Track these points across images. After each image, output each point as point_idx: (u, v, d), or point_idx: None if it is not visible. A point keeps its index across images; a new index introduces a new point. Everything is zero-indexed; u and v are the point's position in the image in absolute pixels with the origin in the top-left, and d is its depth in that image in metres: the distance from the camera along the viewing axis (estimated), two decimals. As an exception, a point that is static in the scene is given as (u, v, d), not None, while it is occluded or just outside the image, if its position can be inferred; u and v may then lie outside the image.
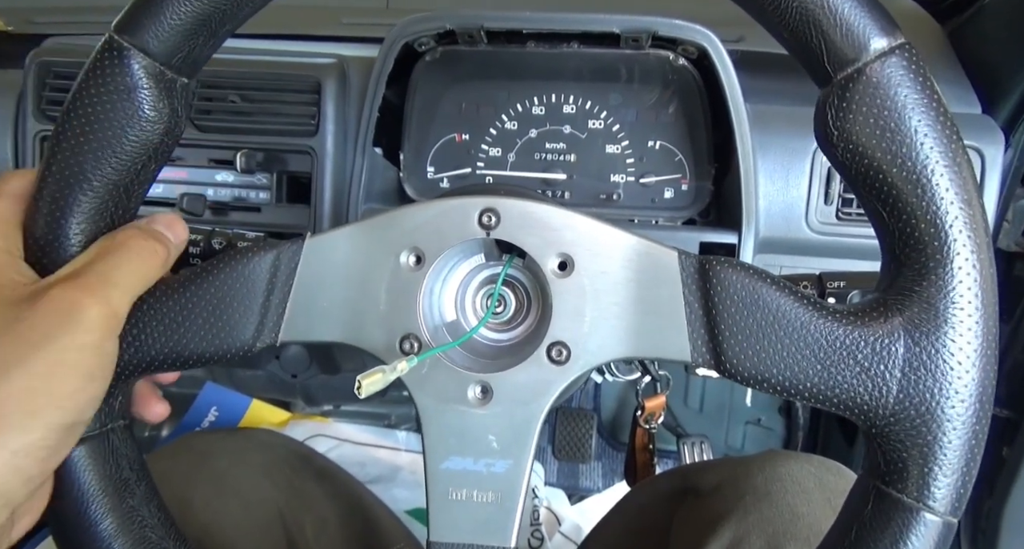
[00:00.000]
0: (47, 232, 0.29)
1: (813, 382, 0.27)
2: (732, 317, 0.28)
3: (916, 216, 0.26)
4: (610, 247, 0.30)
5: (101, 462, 0.30)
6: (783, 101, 0.61)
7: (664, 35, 0.55)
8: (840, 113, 0.26)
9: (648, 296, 0.30)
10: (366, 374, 0.29)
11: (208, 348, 0.31)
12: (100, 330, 0.27)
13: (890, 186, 0.26)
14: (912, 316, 0.26)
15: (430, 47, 0.60)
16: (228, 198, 0.61)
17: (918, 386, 0.26)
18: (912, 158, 0.25)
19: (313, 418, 1.13)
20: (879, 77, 0.25)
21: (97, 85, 0.29)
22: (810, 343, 0.27)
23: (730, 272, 0.29)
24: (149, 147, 0.30)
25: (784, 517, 0.42)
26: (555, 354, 0.30)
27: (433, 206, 0.32)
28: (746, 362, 0.28)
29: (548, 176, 0.64)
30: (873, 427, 0.27)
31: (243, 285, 0.31)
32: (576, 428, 1.05)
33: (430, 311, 0.32)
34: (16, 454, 0.25)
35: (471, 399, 0.31)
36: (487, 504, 0.31)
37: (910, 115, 0.25)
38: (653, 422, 0.70)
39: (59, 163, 0.29)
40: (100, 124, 0.29)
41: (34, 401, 0.25)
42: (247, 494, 0.49)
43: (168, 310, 0.30)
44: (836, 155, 0.27)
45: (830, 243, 0.58)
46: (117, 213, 0.31)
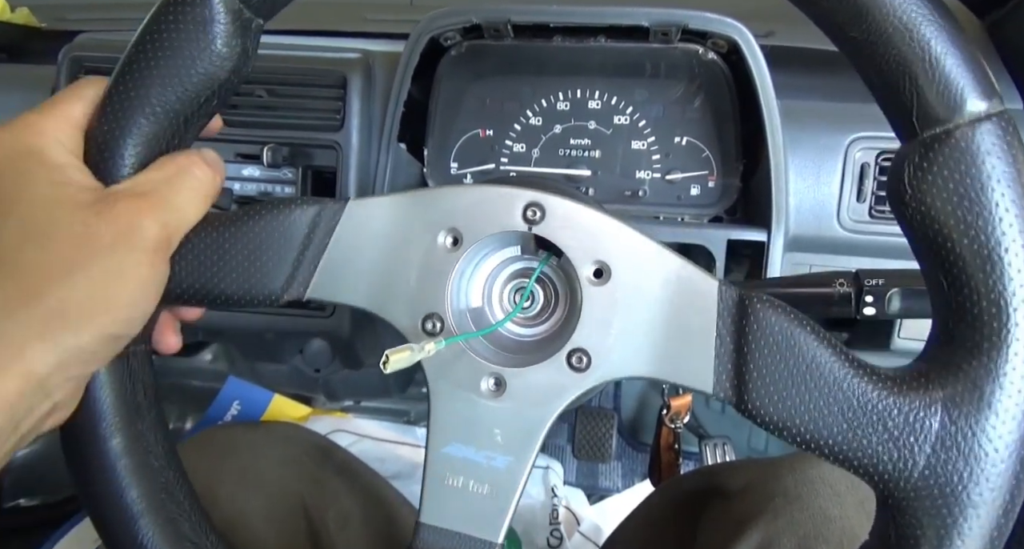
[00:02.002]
0: (105, 147, 0.30)
1: (836, 440, 0.26)
2: (764, 358, 0.27)
3: (979, 292, 0.25)
4: (651, 263, 0.30)
5: (119, 382, 0.31)
6: (814, 97, 0.60)
7: (694, 28, 0.54)
8: (919, 172, 0.25)
9: (680, 320, 0.29)
10: (394, 350, 0.28)
11: (237, 291, 0.31)
12: (156, 250, 0.28)
13: (957, 257, 0.25)
14: (954, 393, 0.25)
15: (455, 42, 0.59)
16: (254, 192, 0.62)
17: (947, 466, 0.25)
18: (987, 232, 0.24)
19: (334, 413, 1.14)
20: (968, 142, 0.24)
21: (175, 12, 0.29)
22: (840, 400, 0.26)
23: (770, 312, 0.28)
24: (215, 82, 0.30)
25: (815, 520, 0.42)
26: (575, 361, 0.30)
27: (478, 191, 0.31)
28: (769, 407, 0.27)
29: (572, 172, 0.63)
30: (891, 498, 0.26)
31: (281, 234, 0.31)
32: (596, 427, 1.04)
33: (457, 295, 0.32)
34: (66, 352, 0.26)
35: (484, 390, 0.31)
36: (482, 496, 0.30)
37: (994, 187, 0.24)
38: (679, 421, 0.69)
39: (125, 83, 0.30)
40: (172, 52, 0.29)
41: (92, 307, 0.26)
42: (271, 487, 0.49)
43: (207, 247, 0.31)
44: (906, 215, 0.26)
45: (863, 242, 0.57)
46: (173, 141, 0.31)
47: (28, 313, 0.25)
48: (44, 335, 0.25)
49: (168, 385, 1.12)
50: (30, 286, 0.26)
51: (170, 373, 1.11)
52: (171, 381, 1.11)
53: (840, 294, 0.39)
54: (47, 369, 0.26)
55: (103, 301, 0.26)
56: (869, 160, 0.56)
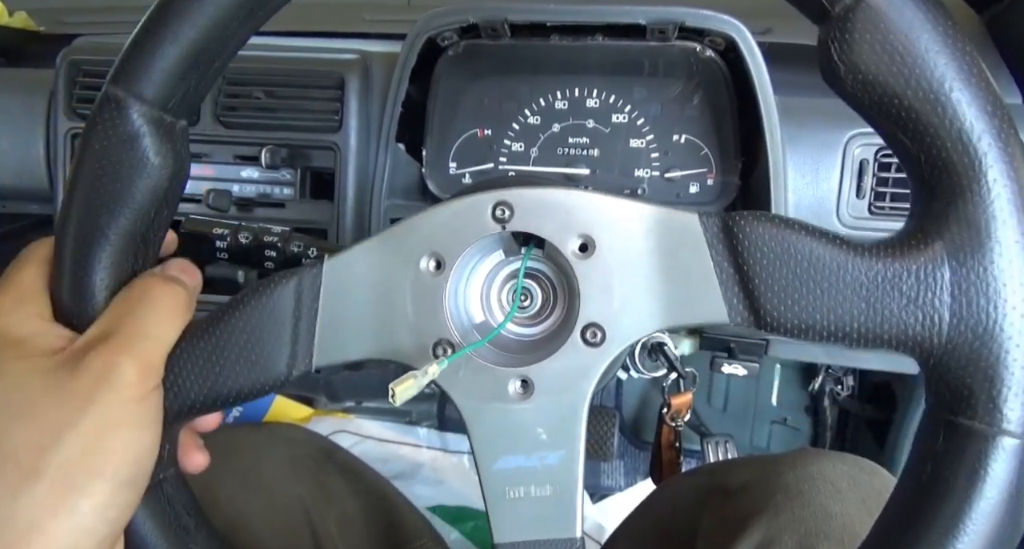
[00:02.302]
0: (72, 291, 0.30)
1: (860, 322, 0.26)
2: (765, 270, 0.27)
3: (940, 135, 0.25)
4: (628, 221, 0.29)
5: (159, 513, 0.30)
6: (812, 93, 0.60)
7: (691, 26, 0.54)
8: (844, 45, 0.25)
9: (675, 264, 0.29)
10: (398, 381, 0.28)
11: (245, 385, 0.30)
12: (140, 384, 0.27)
13: (908, 109, 0.25)
14: (953, 238, 0.25)
15: (453, 41, 0.59)
16: (253, 194, 0.62)
17: (971, 308, 0.25)
18: (927, 77, 0.24)
19: (335, 414, 1.14)
20: (879, 1, 0.25)
21: (100, 138, 0.29)
22: (851, 283, 0.26)
23: (755, 225, 0.28)
24: (159, 193, 0.30)
25: (817, 517, 0.41)
26: (590, 336, 0.30)
27: (445, 208, 0.31)
28: (787, 313, 0.27)
29: (571, 171, 0.63)
30: (931, 358, 0.26)
31: (269, 317, 0.30)
32: (598, 426, 1.04)
33: (458, 314, 0.32)
34: (84, 516, 0.25)
35: (512, 395, 0.30)
36: (546, 498, 0.30)
37: (917, 34, 0.24)
38: (679, 419, 0.69)
39: (73, 221, 0.29)
40: (108, 176, 0.29)
41: (92, 462, 0.26)
42: (272, 489, 0.49)
43: (200, 353, 0.30)
44: (846, 89, 0.26)
45: (863, 238, 0.57)
46: (137, 262, 0.31)
47: (32, 491, 0.25)
48: (56, 509, 0.25)
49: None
50: (27, 464, 0.25)
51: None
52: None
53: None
54: (70, 541, 0.25)
55: (101, 452, 0.26)
56: (868, 156, 0.56)
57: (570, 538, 0.30)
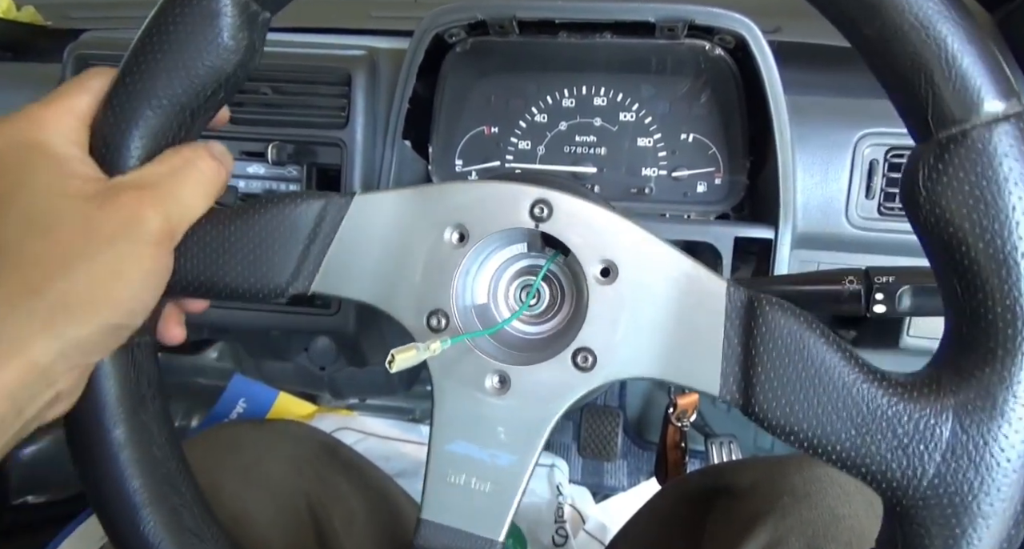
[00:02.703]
0: (111, 139, 0.30)
1: (844, 446, 0.26)
2: (772, 361, 0.27)
3: (994, 297, 0.24)
4: (658, 262, 0.29)
5: (123, 373, 0.31)
6: (822, 93, 0.59)
7: (701, 24, 0.53)
8: (934, 174, 0.24)
9: (687, 321, 0.29)
10: (400, 349, 0.28)
11: (243, 284, 0.31)
12: (159, 243, 0.28)
13: (971, 261, 0.24)
14: (966, 401, 0.24)
15: (460, 38, 0.59)
16: (259, 190, 0.62)
17: (957, 475, 0.24)
18: (1004, 236, 0.23)
19: (339, 411, 1.14)
20: (985, 144, 0.23)
21: (182, 5, 0.29)
22: (849, 405, 0.26)
23: (779, 314, 0.27)
24: (222, 75, 0.30)
25: (824, 519, 0.41)
26: (580, 360, 0.30)
27: (485, 187, 0.31)
28: (776, 411, 0.27)
29: (578, 170, 0.63)
30: (898, 505, 0.26)
31: (287, 228, 0.31)
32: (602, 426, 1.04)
33: (463, 291, 0.32)
34: (68, 343, 0.26)
35: (488, 388, 0.31)
36: (484, 493, 0.30)
37: (1011, 190, 0.23)
38: (685, 420, 0.69)
39: (133, 75, 0.30)
40: (179, 44, 0.29)
41: (93, 299, 0.26)
42: (275, 485, 0.49)
43: (212, 239, 0.31)
44: (919, 218, 0.25)
45: (872, 239, 0.56)
46: (180, 134, 0.31)
47: (30, 305, 0.25)
48: (46, 327, 0.25)
49: (174, 383, 1.12)
50: (32, 278, 0.26)
51: (176, 371, 1.12)
52: (177, 379, 1.12)
53: (849, 292, 0.38)
54: (49, 359, 0.26)
55: (104, 293, 0.26)
56: (878, 156, 0.56)
57: (492, 539, 0.30)
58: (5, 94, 0.67)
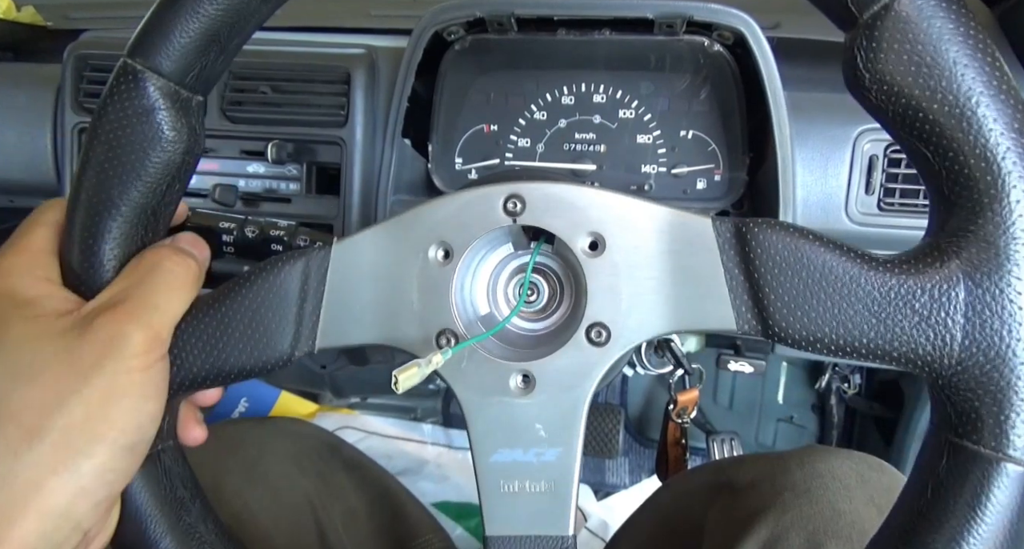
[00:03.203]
0: (81, 259, 0.30)
1: (870, 338, 0.26)
2: (776, 279, 0.27)
3: (964, 151, 0.24)
4: (640, 221, 0.29)
5: (155, 483, 0.31)
6: (821, 89, 0.59)
7: (699, 20, 0.53)
8: (871, 53, 0.25)
9: (685, 267, 0.29)
10: (401, 369, 0.28)
11: (248, 362, 0.31)
12: (146, 354, 0.28)
13: (932, 123, 0.24)
14: (970, 257, 0.25)
15: (459, 36, 0.59)
16: (259, 189, 0.62)
17: (984, 330, 0.25)
18: (953, 91, 0.24)
19: (340, 410, 1.14)
20: (908, 10, 0.24)
21: (116, 110, 0.29)
22: (862, 297, 0.26)
23: (769, 233, 0.27)
24: (172, 167, 0.30)
25: (825, 514, 0.41)
26: (594, 336, 0.30)
27: (456, 198, 0.31)
28: (796, 324, 0.27)
29: (578, 167, 0.63)
30: (939, 378, 0.26)
31: (276, 296, 0.31)
32: (603, 423, 1.04)
33: (463, 305, 0.32)
34: (84, 477, 0.26)
35: (514, 389, 0.30)
36: (541, 494, 0.30)
37: (946, 46, 0.24)
38: (686, 416, 0.69)
39: (86, 190, 0.30)
40: (122, 148, 0.29)
41: (95, 426, 0.26)
42: (277, 482, 0.49)
43: (205, 327, 0.30)
44: (871, 99, 0.25)
45: (872, 234, 0.56)
46: (147, 236, 0.31)
47: (34, 451, 0.25)
48: (57, 468, 0.25)
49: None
50: (30, 424, 0.25)
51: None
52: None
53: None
54: (67, 500, 0.25)
55: (105, 418, 0.26)
56: (878, 152, 0.56)
57: (562, 536, 0.30)
58: (6, 94, 0.67)
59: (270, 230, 0.41)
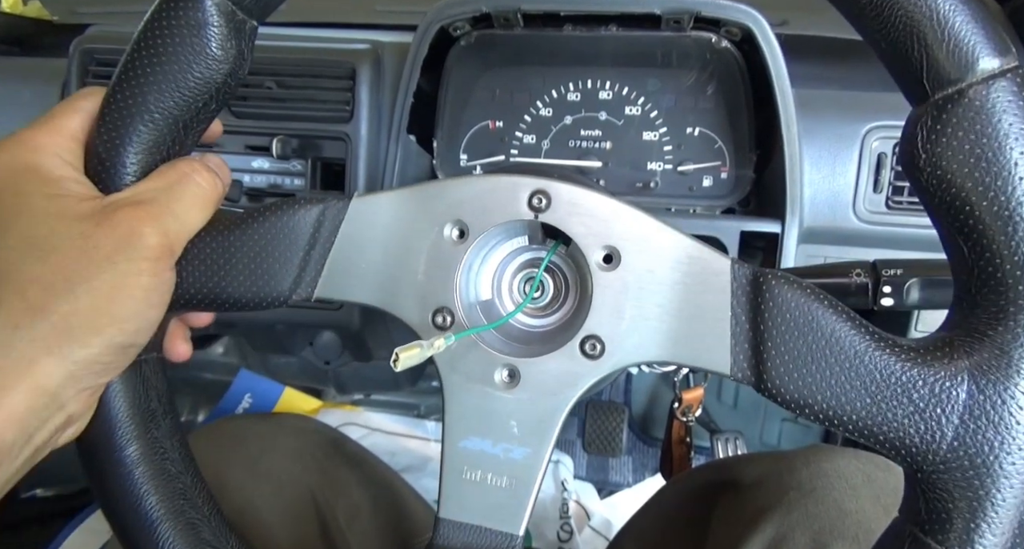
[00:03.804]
0: (106, 156, 0.30)
1: (860, 415, 0.26)
2: (781, 335, 0.27)
3: (1002, 255, 0.24)
4: (660, 246, 0.29)
5: (132, 390, 0.31)
6: (830, 86, 0.59)
7: (707, 16, 0.53)
8: (933, 135, 0.24)
9: (693, 302, 0.28)
10: (404, 347, 0.28)
11: (245, 294, 0.31)
12: (158, 259, 0.28)
13: (976, 219, 0.24)
14: (981, 361, 0.24)
15: (465, 31, 0.59)
16: (264, 184, 0.62)
17: (976, 436, 0.24)
18: (1007, 192, 0.23)
19: (344, 407, 1.15)
20: (983, 101, 0.23)
21: (168, 18, 0.29)
22: (862, 374, 0.26)
23: (785, 288, 0.27)
24: (212, 86, 0.30)
25: (830, 514, 0.41)
26: (588, 348, 0.30)
27: (483, 181, 0.31)
28: (789, 385, 0.26)
29: (583, 164, 0.62)
30: (919, 471, 0.25)
31: (286, 235, 0.31)
32: (607, 421, 1.04)
33: (466, 287, 0.32)
34: (75, 364, 0.26)
35: (498, 382, 0.30)
36: (500, 489, 0.30)
37: (1012, 145, 0.23)
38: (690, 414, 0.68)
39: (123, 91, 0.30)
40: (168, 57, 0.29)
41: (97, 319, 0.26)
42: (280, 478, 0.49)
43: (211, 251, 0.31)
44: (921, 180, 0.25)
45: (879, 233, 0.56)
46: (174, 148, 0.31)
47: (34, 328, 0.25)
48: (52, 349, 0.25)
49: (180, 378, 1.12)
50: (35, 301, 0.25)
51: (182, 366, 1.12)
52: (183, 374, 1.12)
53: (857, 284, 0.38)
54: (58, 382, 0.26)
55: (108, 312, 0.26)
56: (886, 150, 0.55)
57: (512, 533, 0.30)
58: (12, 88, 0.67)
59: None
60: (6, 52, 0.74)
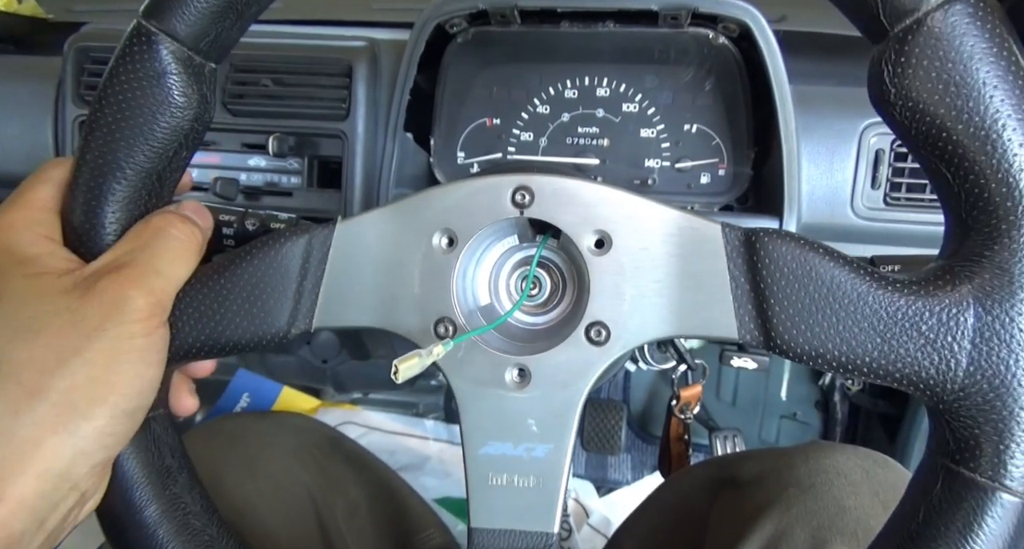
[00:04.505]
0: (84, 220, 0.30)
1: (873, 357, 0.26)
2: (782, 291, 0.27)
3: (986, 175, 0.24)
4: (649, 222, 0.29)
5: (144, 450, 0.30)
6: (828, 82, 0.59)
7: (705, 12, 0.53)
8: (899, 68, 0.24)
9: (691, 272, 0.28)
10: (403, 358, 0.28)
11: (244, 335, 0.31)
12: (148, 319, 0.27)
13: (955, 144, 0.24)
14: (983, 283, 0.24)
15: (462, 28, 0.59)
16: (260, 183, 0.61)
17: (991, 358, 0.24)
18: (980, 112, 0.23)
19: (342, 406, 1.14)
20: (942, 27, 0.23)
21: (127, 72, 0.29)
22: (868, 315, 0.26)
23: (779, 244, 0.27)
24: (180, 133, 0.30)
25: (830, 510, 0.41)
26: (594, 335, 0.29)
27: (464, 186, 0.31)
28: (798, 338, 0.26)
29: (581, 161, 0.62)
30: (940, 403, 0.25)
31: (276, 271, 0.30)
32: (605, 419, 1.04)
33: (464, 294, 0.32)
34: (83, 439, 0.26)
35: (509, 383, 0.30)
36: (528, 489, 0.30)
37: (977, 66, 0.23)
38: (689, 412, 0.68)
39: (92, 151, 0.29)
40: (131, 111, 0.29)
41: (97, 389, 0.26)
42: (278, 476, 0.49)
43: (204, 297, 0.30)
44: (894, 115, 0.25)
45: (878, 229, 0.56)
46: (151, 201, 0.31)
47: (35, 411, 0.25)
48: (57, 427, 0.25)
49: (178, 377, 1.12)
50: (31, 384, 0.25)
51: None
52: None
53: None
54: (67, 461, 0.25)
55: (106, 381, 0.26)
56: (884, 146, 0.55)
57: (546, 532, 0.30)
58: (8, 87, 0.67)
59: (270, 222, 0.41)
60: (1, 50, 0.74)
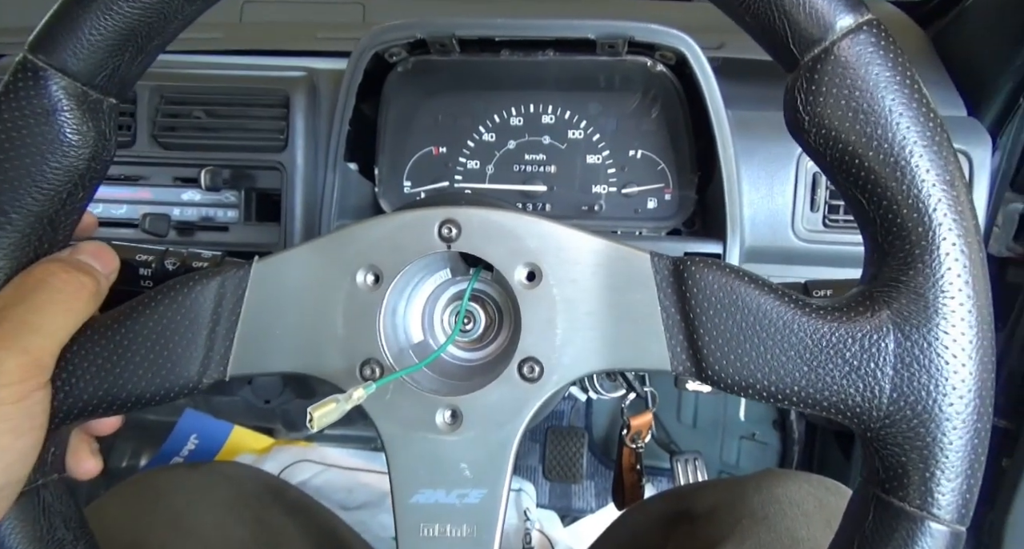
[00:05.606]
0: None
1: (800, 385, 0.26)
2: (711, 320, 0.26)
3: (897, 201, 0.24)
4: (578, 253, 0.28)
5: (31, 522, 0.27)
6: (767, 107, 0.60)
7: (640, 41, 0.53)
8: (810, 96, 0.25)
9: (622, 303, 0.28)
10: (317, 405, 0.26)
11: (148, 388, 0.28)
12: (21, 383, 0.25)
13: (867, 171, 0.24)
14: (900, 308, 0.24)
15: (402, 57, 0.58)
16: (195, 217, 0.59)
17: (912, 384, 0.24)
18: (888, 140, 0.24)
19: (297, 443, 1.10)
20: (847, 56, 0.24)
21: (11, 110, 0.26)
22: (794, 344, 0.26)
23: (706, 273, 0.27)
24: (74, 174, 0.27)
25: (783, 542, 0.40)
26: (527, 371, 0.28)
27: (389, 220, 0.29)
28: (728, 368, 0.26)
29: (528, 188, 0.62)
30: (868, 430, 0.25)
31: (184, 318, 0.28)
32: (566, 447, 1.02)
33: (393, 332, 0.30)
34: None
35: (440, 425, 0.29)
36: (462, 539, 0.28)
37: (883, 94, 0.24)
38: (640, 441, 0.67)
39: None
40: (16, 152, 0.26)
41: None
42: (208, 534, 0.45)
43: (101, 350, 0.28)
44: (809, 142, 0.25)
45: (818, 251, 0.57)
46: (42, 247, 0.28)
47: None
48: None
49: (120, 420, 1.06)
50: None
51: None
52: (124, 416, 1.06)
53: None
54: None
55: None
56: (822, 169, 0.56)
57: None
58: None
59: (192, 261, 0.38)
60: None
